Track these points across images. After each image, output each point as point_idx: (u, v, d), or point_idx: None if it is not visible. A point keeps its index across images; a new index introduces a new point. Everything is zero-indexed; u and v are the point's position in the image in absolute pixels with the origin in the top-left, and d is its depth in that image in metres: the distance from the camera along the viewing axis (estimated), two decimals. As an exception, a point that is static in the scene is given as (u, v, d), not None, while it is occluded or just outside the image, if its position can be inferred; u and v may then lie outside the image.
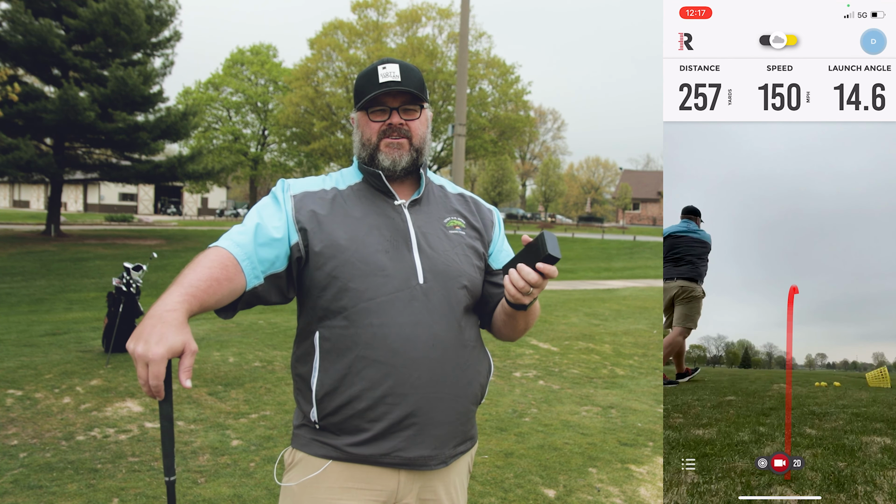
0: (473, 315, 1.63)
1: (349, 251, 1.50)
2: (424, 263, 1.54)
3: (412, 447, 1.50)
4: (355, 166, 1.69)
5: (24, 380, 5.63)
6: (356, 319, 1.48)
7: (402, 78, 1.57)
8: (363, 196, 1.62)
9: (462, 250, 1.61)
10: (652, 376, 6.55)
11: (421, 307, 1.50)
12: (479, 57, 39.80)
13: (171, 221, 43.31)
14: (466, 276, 1.58)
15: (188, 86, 49.10)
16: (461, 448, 1.61)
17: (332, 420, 1.51)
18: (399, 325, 1.48)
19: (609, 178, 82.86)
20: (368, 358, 1.47)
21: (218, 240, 1.44)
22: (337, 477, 1.52)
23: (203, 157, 28.71)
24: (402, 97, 1.59)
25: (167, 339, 1.18)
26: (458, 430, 1.58)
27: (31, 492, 3.47)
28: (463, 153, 16.23)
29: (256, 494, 3.53)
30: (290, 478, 1.58)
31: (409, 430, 1.49)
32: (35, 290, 14.21)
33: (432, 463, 1.53)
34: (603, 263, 24.51)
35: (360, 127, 1.63)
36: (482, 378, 1.64)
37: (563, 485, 3.78)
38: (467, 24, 16.77)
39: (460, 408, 1.57)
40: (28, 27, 20.75)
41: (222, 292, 1.35)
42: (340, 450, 1.52)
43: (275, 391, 5.51)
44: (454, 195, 1.74)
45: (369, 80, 1.58)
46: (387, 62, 1.59)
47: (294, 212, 1.53)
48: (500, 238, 1.73)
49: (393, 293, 1.49)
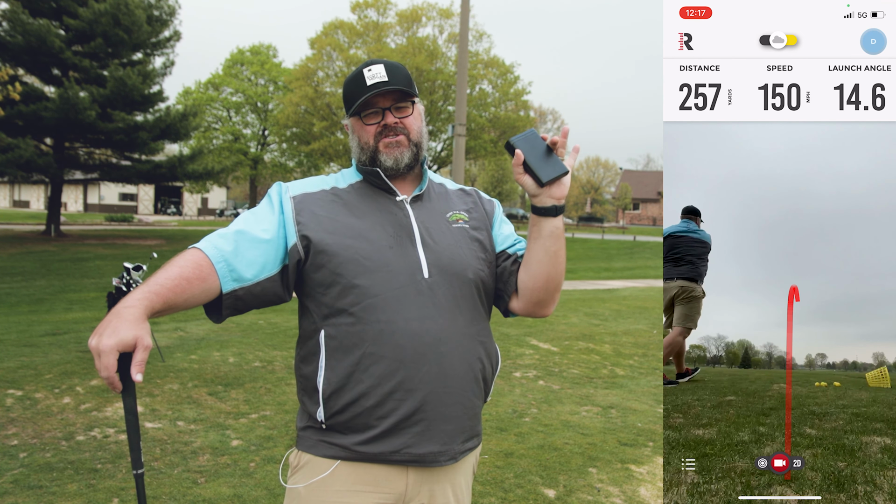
0: (481, 308, 1.62)
1: (353, 248, 1.50)
2: (429, 258, 1.53)
3: (421, 443, 1.50)
4: (354, 167, 1.69)
5: (24, 380, 5.63)
6: (362, 316, 1.48)
7: (388, 77, 1.57)
8: (364, 194, 1.62)
9: (466, 243, 1.61)
10: (652, 376, 6.55)
11: (427, 301, 1.50)
12: (479, 57, 39.79)
13: (171, 221, 43.29)
14: (472, 269, 1.58)
15: (188, 86, 49.12)
16: (469, 444, 1.60)
17: (339, 419, 1.51)
18: (405, 321, 1.47)
19: (609, 178, 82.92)
20: (376, 354, 1.46)
21: (199, 241, 1.46)
22: (345, 479, 1.51)
23: (203, 157, 28.71)
24: (392, 96, 1.59)
25: (119, 332, 1.23)
26: (466, 426, 1.57)
27: (31, 492, 3.47)
28: (463, 153, 16.22)
29: (256, 494, 3.53)
30: (296, 480, 1.56)
31: (417, 426, 1.48)
32: (35, 290, 14.21)
33: (442, 459, 1.53)
34: (603, 263, 24.51)
35: (356, 132, 1.63)
36: (489, 373, 1.64)
37: (563, 485, 3.78)
38: (467, 24, 16.76)
39: (467, 402, 1.56)
40: (27, 27, 20.75)
41: (192, 291, 1.38)
42: (349, 449, 1.51)
43: (275, 391, 5.51)
44: (454, 191, 1.75)
45: (357, 85, 1.58)
46: (371, 64, 1.59)
47: (295, 213, 1.53)
48: (499, 222, 1.72)
49: (399, 289, 1.49)
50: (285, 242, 1.51)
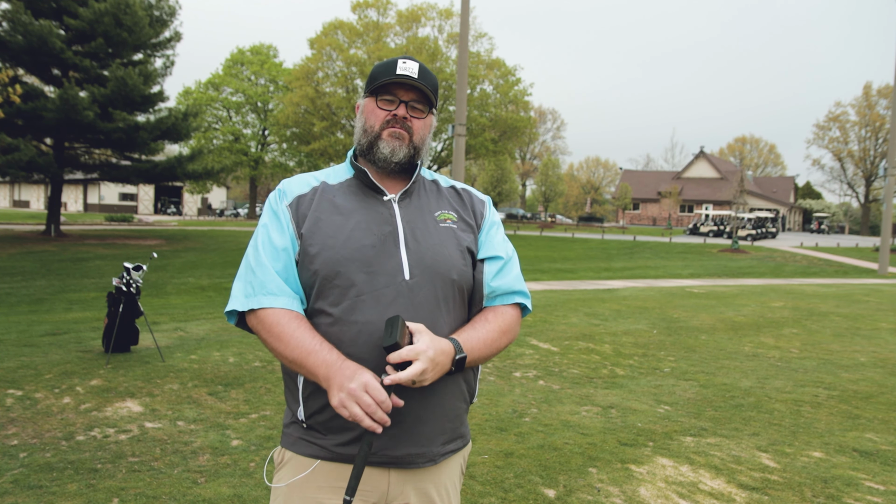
0: (462, 309, 1.62)
1: (335, 248, 1.51)
2: (411, 259, 1.53)
3: (398, 445, 1.50)
4: (348, 162, 1.69)
5: (24, 380, 5.63)
6: (340, 316, 1.49)
7: (418, 76, 1.59)
8: (352, 192, 1.62)
9: (453, 243, 1.60)
10: (652, 376, 6.55)
11: (406, 303, 1.49)
12: (480, 58, 39.79)
13: (171, 221, 43.29)
14: (456, 270, 1.57)
15: (188, 86, 49.12)
16: (451, 446, 1.60)
17: (318, 419, 1.52)
18: (383, 322, 1.47)
19: (609, 178, 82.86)
20: (352, 355, 1.46)
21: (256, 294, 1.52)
22: (326, 476, 1.52)
23: (203, 157, 28.72)
24: (413, 93, 1.60)
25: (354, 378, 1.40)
26: (446, 427, 1.57)
27: (31, 492, 3.47)
28: (463, 153, 16.21)
29: (256, 494, 3.53)
30: (279, 478, 1.59)
31: (393, 429, 1.48)
32: (35, 290, 14.21)
33: (420, 461, 1.53)
34: (603, 263, 24.50)
35: (366, 113, 1.63)
36: (470, 375, 1.63)
37: (563, 485, 3.78)
38: (467, 25, 16.76)
39: (446, 404, 1.56)
40: (28, 27, 20.75)
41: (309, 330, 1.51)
42: (328, 450, 1.52)
43: (275, 391, 5.51)
44: (446, 188, 1.74)
45: (387, 70, 1.60)
46: (408, 59, 1.61)
47: (294, 226, 1.57)
48: (487, 226, 1.70)
49: (378, 290, 1.49)
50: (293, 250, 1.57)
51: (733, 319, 10.30)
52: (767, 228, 43.43)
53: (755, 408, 5.48)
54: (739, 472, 4.04)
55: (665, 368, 6.89)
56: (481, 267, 1.63)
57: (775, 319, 10.46)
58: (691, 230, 46.14)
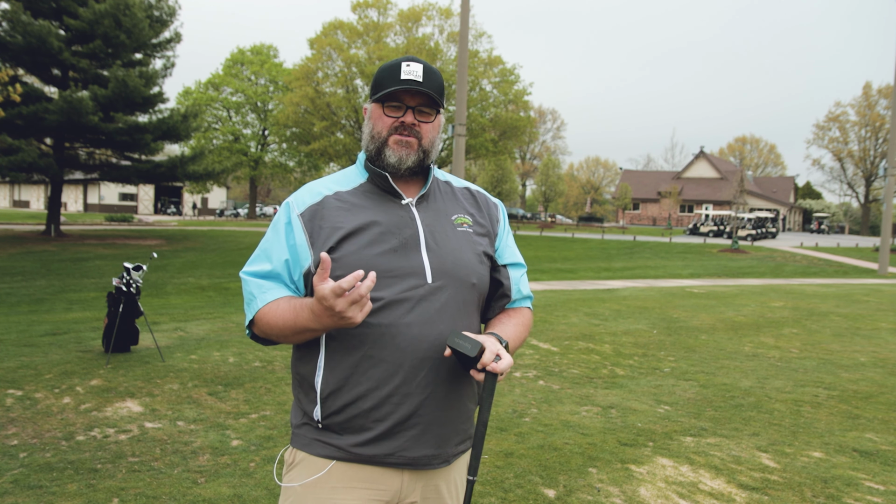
0: (477, 313, 1.65)
1: (357, 254, 1.50)
2: (433, 262, 1.53)
3: (416, 447, 1.51)
4: (360, 165, 1.67)
5: (24, 380, 5.63)
6: (365, 319, 1.47)
7: (423, 79, 1.56)
8: (369, 196, 1.61)
9: (470, 248, 1.61)
10: (652, 376, 6.55)
11: (429, 306, 1.50)
12: (480, 58, 39.77)
13: (171, 221, 43.29)
14: (475, 274, 1.59)
15: (188, 86, 49.13)
16: (462, 447, 1.62)
17: (336, 419, 1.52)
18: (407, 325, 1.48)
19: (609, 178, 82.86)
20: (376, 357, 1.47)
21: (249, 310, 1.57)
22: (340, 476, 1.52)
23: (203, 158, 28.71)
24: (420, 98, 1.57)
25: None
26: (460, 429, 1.59)
27: (31, 492, 3.47)
28: (463, 153, 16.21)
29: (256, 494, 3.52)
30: (291, 478, 1.58)
31: (413, 430, 1.49)
32: (35, 290, 14.21)
33: (435, 462, 1.55)
34: (603, 263, 24.50)
35: (373, 119, 1.61)
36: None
37: (563, 485, 3.78)
38: (467, 24, 16.76)
39: (462, 407, 1.58)
40: (28, 28, 20.75)
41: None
42: (344, 450, 1.52)
43: (275, 391, 5.51)
44: (460, 190, 1.74)
45: (391, 75, 1.56)
46: (412, 60, 1.57)
47: (308, 238, 1.54)
48: (504, 233, 1.73)
49: (402, 293, 1.49)
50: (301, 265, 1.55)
51: (733, 319, 10.30)
52: (767, 228, 43.44)
53: (755, 408, 5.48)
54: (739, 472, 4.04)
55: (665, 368, 6.90)
56: (506, 272, 1.70)
57: (775, 319, 10.46)
58: (691, 230, 46.15)
